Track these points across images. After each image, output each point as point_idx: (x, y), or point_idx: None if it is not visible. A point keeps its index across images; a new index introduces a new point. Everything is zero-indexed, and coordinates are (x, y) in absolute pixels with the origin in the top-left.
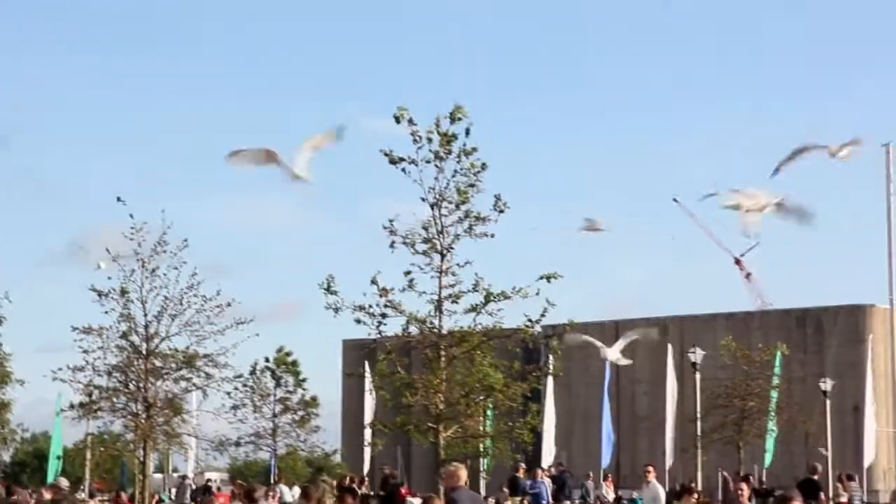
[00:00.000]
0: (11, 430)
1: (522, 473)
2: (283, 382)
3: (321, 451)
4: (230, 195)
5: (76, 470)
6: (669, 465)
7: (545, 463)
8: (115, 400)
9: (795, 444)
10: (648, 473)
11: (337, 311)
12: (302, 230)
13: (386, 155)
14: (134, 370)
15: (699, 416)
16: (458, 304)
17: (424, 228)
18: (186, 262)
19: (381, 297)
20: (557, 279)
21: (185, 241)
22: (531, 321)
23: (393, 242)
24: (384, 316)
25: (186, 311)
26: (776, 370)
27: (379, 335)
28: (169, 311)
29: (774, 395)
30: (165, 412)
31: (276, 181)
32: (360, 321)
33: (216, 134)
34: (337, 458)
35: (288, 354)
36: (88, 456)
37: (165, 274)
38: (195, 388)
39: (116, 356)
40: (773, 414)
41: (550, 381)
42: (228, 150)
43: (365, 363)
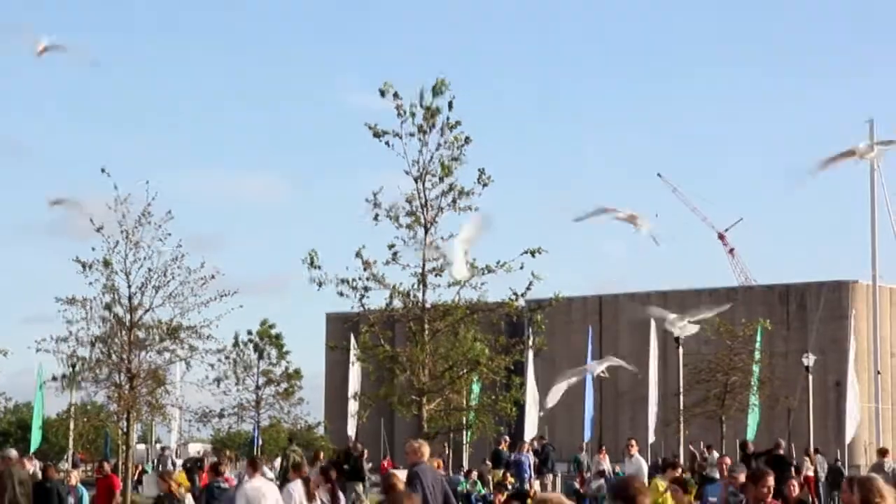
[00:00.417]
0: None
1: (505, 446)
2: (266, 355)
3: (304, 423)
4: (216, 169)
5: (59, 440)
6: (652, 439)
7: (527, 436)
8: (98, 371)
9: (777, 419)
10: (631, 447)
11: (321, 285)
12: (287, 204)
13: (370, 128)
14: (117, 341)
15: (682, 390)
16: (441, 277)
17: (408, 202)
18: (171, 234)
19: (364, 270)
20: (542, 254)
21: (169, 212)
22: (516, 295)
23: (377, 216)
24: (366, 289)
25: (170, 282)
26: (758, 345)
27: (362, 308)
28: (153, 282)
29: (757, 369)
30: (149, 383)
31: (262, 154)
32: (342, 294)
33: (202, 108)
34: (320, 430)
35: (271, 327)
36: (72, 426)
37: (149, 246)
38: (178, 359)
39: (100, 327)
40: (755, 389)
41: (531, 354)
42: None
43: (350, 336)
